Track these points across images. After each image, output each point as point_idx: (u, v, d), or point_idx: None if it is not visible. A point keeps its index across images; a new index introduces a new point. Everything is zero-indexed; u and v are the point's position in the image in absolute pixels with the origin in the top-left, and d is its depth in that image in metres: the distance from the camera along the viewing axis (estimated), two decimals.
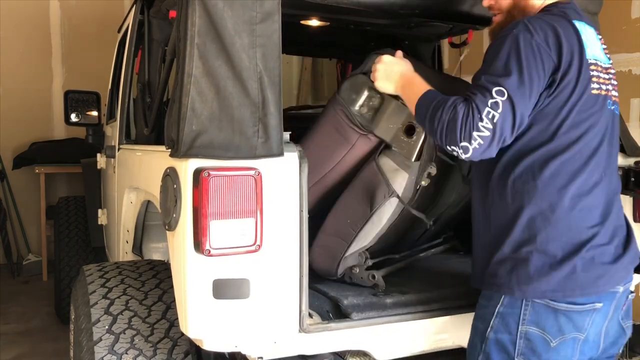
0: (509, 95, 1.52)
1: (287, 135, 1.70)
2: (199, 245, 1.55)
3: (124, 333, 1.90)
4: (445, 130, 1.55)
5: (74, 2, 6.42)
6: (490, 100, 1.52)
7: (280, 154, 1.64)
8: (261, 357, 1.71)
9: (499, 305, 1.65)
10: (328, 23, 2.82)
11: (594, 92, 1.65)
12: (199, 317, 1.59)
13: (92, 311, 1.97)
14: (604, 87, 1.69)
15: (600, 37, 1.79)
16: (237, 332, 1.63)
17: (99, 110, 3.89)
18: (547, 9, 1.74)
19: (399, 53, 1.91)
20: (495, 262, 1.67)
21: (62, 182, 6.38)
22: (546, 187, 1.61)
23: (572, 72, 1.60)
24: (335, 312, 1.87)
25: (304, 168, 1.68)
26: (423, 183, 1.93)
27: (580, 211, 1.62)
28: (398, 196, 1.90)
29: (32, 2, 6.23)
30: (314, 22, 2.83)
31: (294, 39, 3.39)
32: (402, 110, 1.88)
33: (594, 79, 1.65)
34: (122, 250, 2.86)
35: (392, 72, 1.83)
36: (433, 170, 1.91)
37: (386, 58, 1.86)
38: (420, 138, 1.85)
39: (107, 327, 1.91)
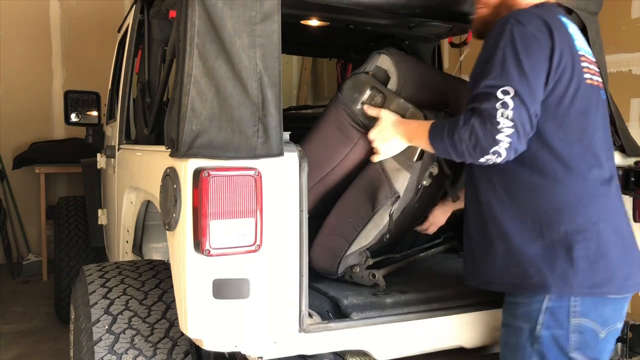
0: (515, 92, 1.54)
1: (287, 135, 1.70)
2: (198, 245, 1.55)
3: (124, 333, 1.90)
4: (470, 146, 1.57)
5: (74, 2, 6.42)
6: (498, 103, 1.54)
7: (280, 154, 1.63)
8: (261, 357, 1.71)
9: (545, 301, 1.63)
10: (328, 23, 2.81)
11: (588, 82, 1.67)
12: (199, 317, 1.59)
13: (92, 311, 1.97)
14: (595, 78, 1.72)
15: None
16: (237, 332, 1.62)
17: (99, 110, 3.89)
18: (534, 6, 1.75)
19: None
20: (529, 259, 1.64)
21: (62, 182, 6.39)
22: (570, 174, 1.63)
23: (566, 59, 1.61)
24: (335, 312, 1.86)
25: (304, 168, 1.68)
26: (424, 183, 1.93)
27: (608, 198, 1.67)
28: (398, 197, 1.89)
29: (32, 2, 6.23)
30: (314, 22, 2.82)
31: (294, 39, 3.39)
32: (405, 109, 1.88)
33: (585, 70, 1.68)
34: (122, 250, 2.86)
35: (388, 132, 1.85)
36: (435, 169, 1.91)
37: (377, 124, 1.87)
38: None
39: (107, 327, 1.91)
